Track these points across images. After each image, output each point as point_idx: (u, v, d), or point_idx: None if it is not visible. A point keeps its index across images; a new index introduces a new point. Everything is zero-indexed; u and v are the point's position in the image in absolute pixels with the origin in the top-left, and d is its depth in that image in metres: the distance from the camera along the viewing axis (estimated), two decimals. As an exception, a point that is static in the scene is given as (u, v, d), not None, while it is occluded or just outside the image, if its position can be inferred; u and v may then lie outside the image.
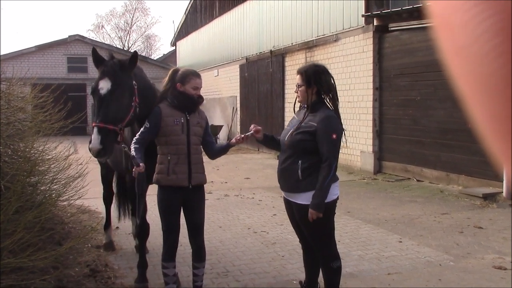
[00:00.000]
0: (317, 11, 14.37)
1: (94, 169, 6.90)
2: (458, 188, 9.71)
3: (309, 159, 3.78)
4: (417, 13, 10.51)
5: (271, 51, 17.41)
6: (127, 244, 6.25)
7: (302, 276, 5.15)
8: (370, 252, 5.92)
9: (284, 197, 4.09)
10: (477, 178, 9.48)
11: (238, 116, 20.64)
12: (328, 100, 3.91)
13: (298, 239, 6.45)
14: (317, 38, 14.36)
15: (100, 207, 7.15)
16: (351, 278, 5.09)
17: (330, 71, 4.04)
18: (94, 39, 38.34)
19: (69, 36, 30.30)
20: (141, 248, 4.89)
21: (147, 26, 61.86)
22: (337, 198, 3.92)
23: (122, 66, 4.26)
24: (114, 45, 43.39)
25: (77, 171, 5.92)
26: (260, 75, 18.54)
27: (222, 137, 20.88)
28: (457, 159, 9.99)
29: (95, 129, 3.92)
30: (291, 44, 16.01)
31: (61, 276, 4.61)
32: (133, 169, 3.87)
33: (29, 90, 6.44)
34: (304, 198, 3.78)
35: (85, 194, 5.91)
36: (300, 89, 3.92)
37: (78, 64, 30.35)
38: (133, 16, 52.75)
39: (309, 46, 14.81)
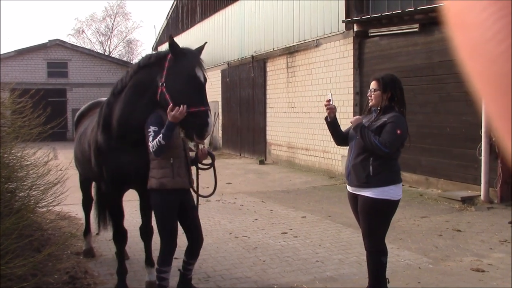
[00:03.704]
0: (298, 17, 14.45)
1: (73, 175, 6.84)
2: (437, 191, 9.83)
3: (380, 156, 4.11)
4: (397, 19, 10.65)
5: (252, 56, 17.46)
6: (107, 251, 6.20)
7: (283, 280, 5.17)
8: (350, 256, 5.96)
9: (350, 192, 4.37)
10: (456, 182, 9.61)
11: (220, 121, 20.63)
12: (398, 107, 4.24)
13: (279, 244, 6.48)
14: (298, 43, 14.44)
15: (80, 213, 7.08)
16: (332, 282, 5.12)
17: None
18: (74, 43, 38.00)
19: (49, 41, 29.98)
20: (120, 254, 4.84)
21: (128, 31, 61.58)
22: (399, 200, 4.30)
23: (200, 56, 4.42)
24: (95, 50, 43.10)
25: (57, 177, 5.86)
26: (241, 80, 18.57)
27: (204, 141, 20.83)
28: (437, 163, 10.11)
29: (209, 113, 4.07)
30: (272, 49, 16.06)
31: (40, 284, 4.56)
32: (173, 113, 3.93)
33: (7, 95, 6.36)
34: (372, 192, 4.12)
35: (64, 200, 5.86)
36: (375, 93, 4.24)
37: (58, 69, 29.99)
38: (114, 21, 52.50)
39: (290, 51, 14.88)
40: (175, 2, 27.56)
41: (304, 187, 11.34)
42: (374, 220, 4.18)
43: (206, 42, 4.67)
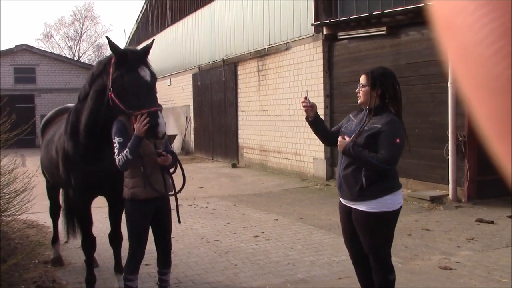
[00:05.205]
0: (268, 20, 14.51)
1: (41, 182, 6.72)
2: (407, 191, 9.96)
3: None
4: (365, 22, 10.78)
5: (223, 60, 17.45)
6: (76, 259, 6.10)
7: (255, 284, 5.17)
8: (322, 257, 6.00)
9: (343, 204, 3.91)
10: (425, 181, 9.77)
11: (192, 125, 20.55)
12: (391, 105, 3.72)
13: (251, 247, 6.47)
14: (268, 46, 14.49)
15: (48, 221, 6.95)
16: (303, 284, 5.14)
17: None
18: (42, 48, 37.36)
19: (16, 46, 29.44)
20: (89, 262, 4.76)
21: (98, 35, 60.76)
22: (400, 208, 3.81)
23: (146, 56, 4.11)
24: (64, 55, 42.45)
25: (23, 185, 5.76)
26: (213, 83, 18.53)
27: (176, 146, 20.72)
28: (406, 164, 10.23)
29: (160, 113, 3.84)
30: (243, 53, 16.09)
31: (6, 294, 4.46)
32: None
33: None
34: (368, 206, 3.66)
35: (31, 208, 5.76)
36: (363, 89, 3.71)
37: (25, 75, 29.45)
38: (82, 25, 51.84)
39: (261, 54, 14.93)
40: (145, 6, 27.37)
41: (276, 190, 11.37)
42: (375, 235, 3.76)
43: (153, 39, 4.50)
